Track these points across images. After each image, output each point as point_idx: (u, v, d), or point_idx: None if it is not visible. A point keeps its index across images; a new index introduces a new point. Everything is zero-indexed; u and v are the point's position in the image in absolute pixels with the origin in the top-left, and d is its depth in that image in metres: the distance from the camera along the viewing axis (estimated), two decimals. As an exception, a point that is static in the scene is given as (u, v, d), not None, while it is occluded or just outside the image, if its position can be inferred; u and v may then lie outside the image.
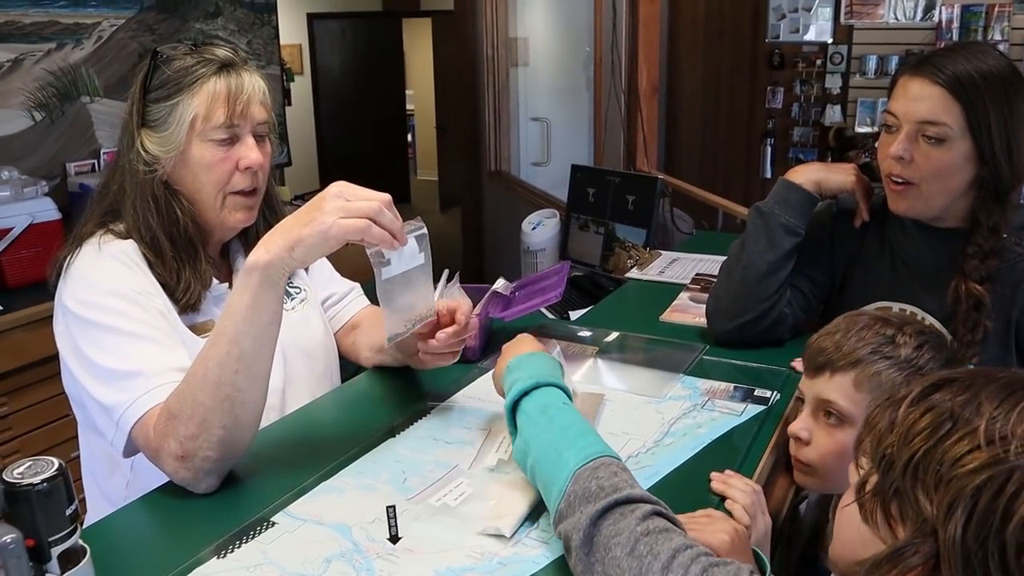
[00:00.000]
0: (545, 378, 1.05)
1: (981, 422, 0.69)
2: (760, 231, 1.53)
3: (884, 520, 0.73)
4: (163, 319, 1.22)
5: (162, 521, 1.07)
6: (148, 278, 1.24)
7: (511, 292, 1.64)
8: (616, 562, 0.81)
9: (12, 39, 3.02)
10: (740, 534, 0.98)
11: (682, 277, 2.09)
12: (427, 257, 1.17)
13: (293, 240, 1.05)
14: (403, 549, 0.97)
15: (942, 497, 0.68)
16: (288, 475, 1.13)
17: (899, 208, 1.41)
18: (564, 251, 3.07)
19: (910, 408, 0.74)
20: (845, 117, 4.33)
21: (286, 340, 1.37)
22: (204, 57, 1.25)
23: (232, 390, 1.06)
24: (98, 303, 1.19)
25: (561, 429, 0.98)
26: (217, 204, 1.28)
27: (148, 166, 1.25)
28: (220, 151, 1.25)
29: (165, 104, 1.24)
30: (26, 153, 3.07)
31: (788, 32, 4.37)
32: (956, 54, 1.33)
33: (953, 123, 1.30)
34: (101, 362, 1.16)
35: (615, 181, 2.84)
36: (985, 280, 1.36)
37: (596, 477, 0.89)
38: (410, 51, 9.35)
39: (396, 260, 1.12)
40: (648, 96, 3.66)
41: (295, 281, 1.48)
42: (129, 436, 1.13)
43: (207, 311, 1.31)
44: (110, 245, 1.25)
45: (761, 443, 1.23)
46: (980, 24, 3.77)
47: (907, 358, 1.07)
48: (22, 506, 0.83)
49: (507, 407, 1.05)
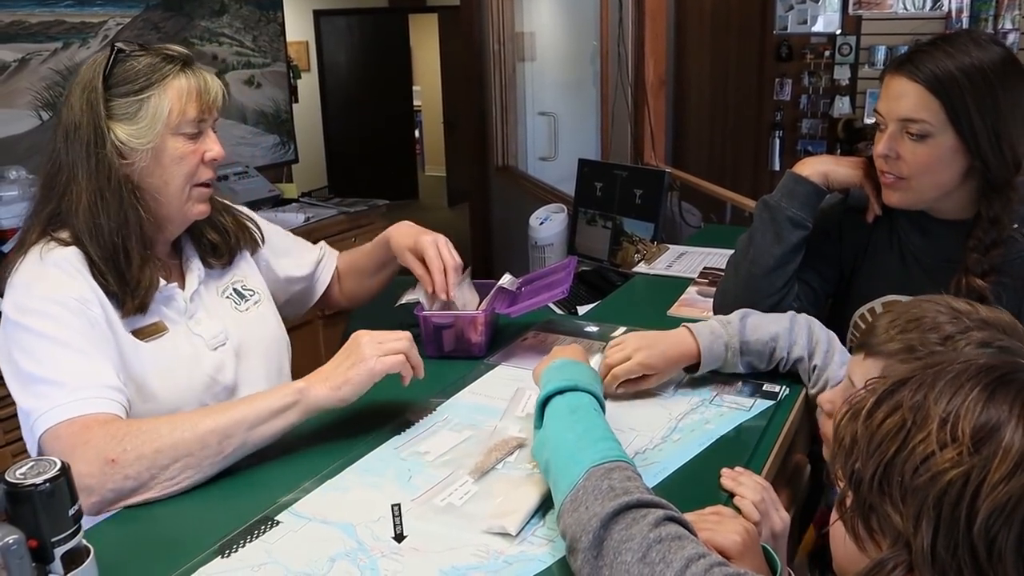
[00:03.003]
0: (584, 384, 1.06)
1: (933, 425, 0.68)
2: (767, 225, 1.52)
3: (867, 535, 0.73)
4: (96, 329, 1.21)
5: (165, 521, 1.06)
6: (89, 285, 1.23)
7: (517, 288, 1.63)
8: (626, 567, 0.79)
9: (19, 39, 3.03)
10: (751, 534, 0.97)
11: (690, 271, 2.08)
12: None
13: (341, 381, 1.17)
14: (408, 548, 0.97)
15: (908, 508, 0.67)
16: (292, 474, 1.13)
17: (892, 201, 1.42)
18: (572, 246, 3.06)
19: (867, 420, 0.73)
20: (854, 108, 4.30)
21: (242, 339, 1.40)
22: (165, 54, 1.28)
23: (200, 451, 1.11)
24: (34, 309, 1.19)
25: (585, 430, 0.98)
26: (183, 196, 1.31)
27: (125, 158, 1.26)
28: (190, 144, 1.29)
29: (135, 98, 1.24)
30: (33, 152, 3.07)
31: (796, 23, 4.35)
32: (937, 48, 1.33)
33: (932, 119, 1.32)
34: (25, 366, 1.16)
35: (622, 175, 2.82)
36: (988, 273, 1.36)
37: (609, 478, 0.88)
38: (417, 47, 9.33)
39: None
40: (655, 89, 3.64)
41: (248, 283, 1.49)
42: (39, 443, 1.13)
43: (154, 312, 1.30)
44: (52, 253, 1.23)
45: (770, 439, 1.22)
46: (991, 13, 3.74)
47: None
48: (25, 506, 0.83)
49: (539, 400, 1.06)
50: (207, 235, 1.42)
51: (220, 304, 1.42)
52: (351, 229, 3.82)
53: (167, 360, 1.29)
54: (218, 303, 1.42)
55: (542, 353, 1.53)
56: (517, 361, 1.51)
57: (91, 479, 1.07)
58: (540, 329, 1.65)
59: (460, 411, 1.32)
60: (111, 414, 1.14)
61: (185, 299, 1.35)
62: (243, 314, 1.44)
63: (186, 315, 1.35)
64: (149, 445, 1.08)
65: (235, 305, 1.44)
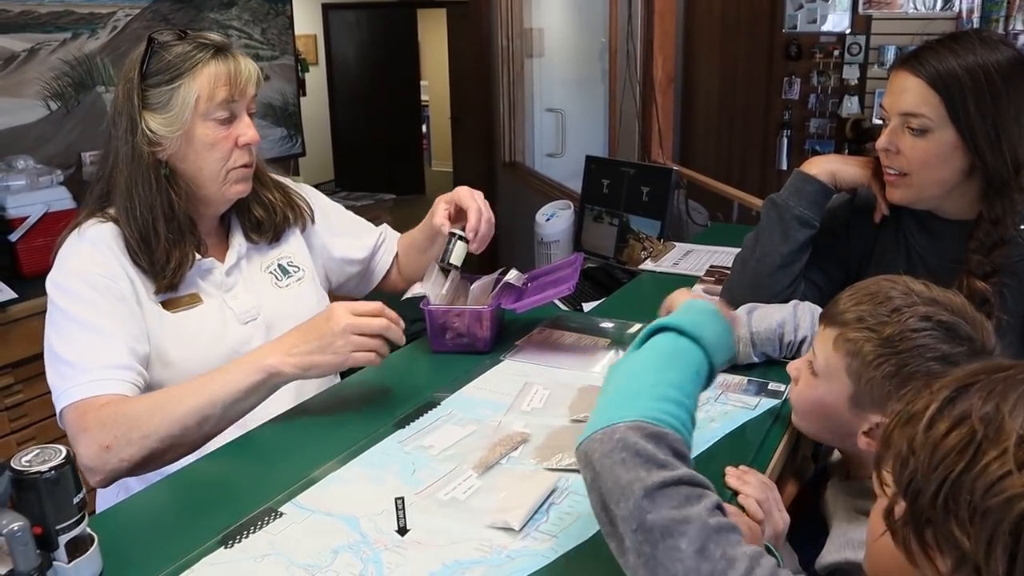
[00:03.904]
0: (708, 343, 0.92)
1: (1010, 442, 0.62)
2: (774, 223, 1.51)
3: (920, 549, 0.67)
4: (122, 304, 1.27)
5: (169, 510, 1.06)
6: (118, 261, 1.30)
7: (523, 283, 1.63)
8: (677, 554, 0.70)
9: (28, 29, 3.03)
10: (755, 533, 0.96)
11: (696, 269, 2.07)
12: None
13: (309, 363, 1.21)
14: (411, 541, 0.97)
15: (979, 532, 0.62)
16: (297, 465, 1.13)
17: (893, 197, 1.43)
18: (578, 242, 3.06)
19: (929, 429, 0.67)
20: (863, 108, 4.28)
21: (275, 315, 1.43)
22: (199, 42, 1.31)
23: (183, 435, 1.18)
24: (64, 285, 1.28)
25: (670, 384, 0.85)
26: (220, 180, 1.35)
27: (153, 146, 1.30)
28: (222, 130, 1.33)
29: (166, 88, 1.30)
30: (42, 142, 3.09)
31: (805, 22, 4.33)
32: (942, 46, 1.34)
33: (932, 114, 1.32)
34: (53, 343, 1.26)
35: (630, 172, 2.82)
36: (991, 275, 1.35)
37: (662, 441, 0.77)
38: (425, 42, 9.33)
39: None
40: (663, 87, 3.63)
41: (295, 260, 1.52)
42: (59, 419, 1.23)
43: (191, 284, 1.37)
44: (90, 230, 1.31)
45: (775, 437, 1.21)
46: (1001, 14, 3.71)
47: (889, 337, 1.02)
48: (29, 494, 0.83)
49: (654, 326, 0.94)
50: (253, 211, 1.46)
51: (260, 279, 1.46)
52: (357, 223, 3.82)
53: (191, 331, 1.34)
54: (259, 277, 1.46)
55: (549, 349, 1.53)
56: (523, 356, 1.50)
57: (91, 462, 1.15)
58: (548, 325, 1.65)
59: (465, 405, 1.32)
60: (112, 395, 1.19)
61: (222, 272, 1.40)
62: (281, 290, 1.47)
63: (222, 288, 1.40)
64: (136, 431, 1.16)
65: (276, 281, 1.48)
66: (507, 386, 1.37)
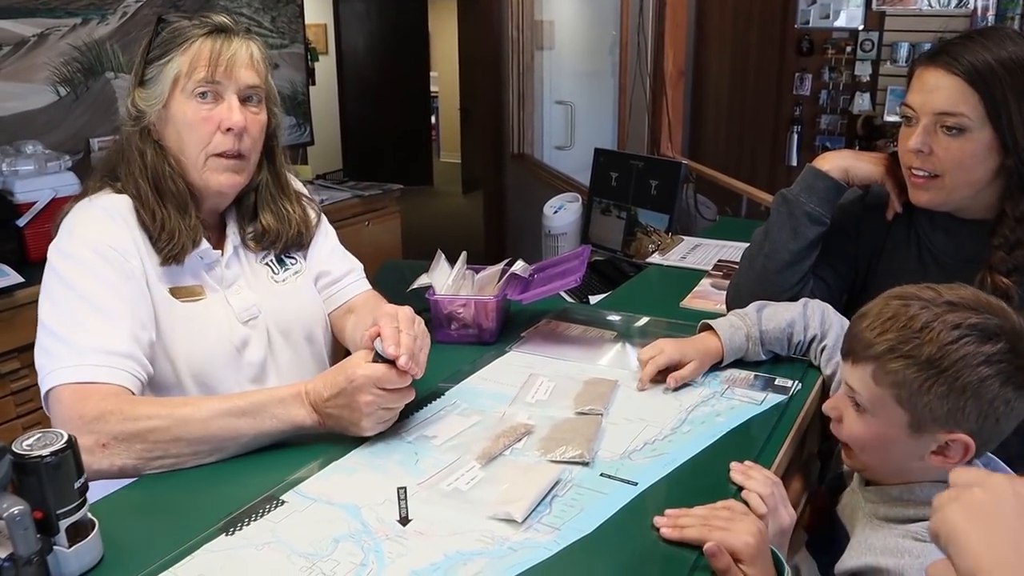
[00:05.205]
0: None
1: None
2: (784, 219, 1.50)
3: None
4: (131, 283, 1.22)
5: (171, 497, 1.06)
6: (131, 235, 1.25)
7: (530, 274, 1.62)
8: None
9: (38, 14, 3.03)
10: (763, 535, 0.95)
11: (704, 263, 2.06)
12: None
13: (334, 424, 1.14)
14: (413, 531, 0.96)
15: None
16: (299, 454, 1.13)
17: (921, 200, 1.39)
18: (585, 235, 3.04)
19: None
20: (874, 105, 4.26)
21: (274, 315, 1.38)
22: (201, 20, 1.29)
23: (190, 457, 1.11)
24: (71, 254, 1.22)
25: None
26: (199, 164, 1.29)
27: (134, 120, 1.29)
28: (202, 109, 1.27)
29: (158, 63, 1.28)
30: (50, 128, 3.09)
31: (818, 17, 4.30)
32: (973, 41, 1.30)
33: (971, 113, 1.28)
34: (48, 316, 1.19)
35: (638, 166, 2.81)
36: (1012, 272, 1.33)
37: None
38: (435, 33, 9.31)
39: None
40: (674, 80, 3.61)
41: (293, 252, 1.46)
42: (44, 397, 1.17)
43: (195, 275, 1.32)
44: (102, 198, 1.28)
45: (781, 433, 1.20)
46: (1017, 11, 3.69)
47: (930, 359, 0.99)
48: (31, 478, 0.83)
49: None
50: (263, 217, 1.40)
51: (257, 272, 1.40)
52: (364, 213, 3.81)
53: (198, 325, 1.29)
54: (256, 270, 1.40)
55: (555, 341, 1.53)
56: (529, 348, 1.50)
57: (88, 454, 1.06)
58: (554, 317, 1.64)
59: (469, 396, 1.31)
60: (114, 386, 1.13)
61: (223, 265, 1.35)
62: (277, 285, 1.41)
63: (223, 284, 1.35)
64: (141, 443, 1.08)
65: (272, 274, 1.42)
66: (512, 377, 1.37)
